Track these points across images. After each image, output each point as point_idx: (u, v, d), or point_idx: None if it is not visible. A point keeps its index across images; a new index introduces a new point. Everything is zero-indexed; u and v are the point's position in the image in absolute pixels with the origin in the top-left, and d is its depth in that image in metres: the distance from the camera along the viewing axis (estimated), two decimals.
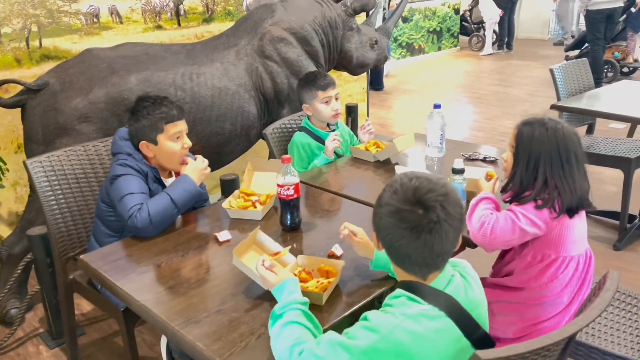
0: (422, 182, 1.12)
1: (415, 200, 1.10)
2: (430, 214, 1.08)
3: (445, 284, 1.13)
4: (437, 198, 1.09)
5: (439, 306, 1.09)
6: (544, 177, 1.51)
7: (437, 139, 2.32)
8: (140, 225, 1.73)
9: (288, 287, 1.26)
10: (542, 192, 1.51)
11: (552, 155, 1.51)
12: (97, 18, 3.07)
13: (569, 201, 1.50)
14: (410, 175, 1.15)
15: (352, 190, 2.08)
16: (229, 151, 2.87)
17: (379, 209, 1.16)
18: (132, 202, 1.77)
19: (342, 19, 3.15)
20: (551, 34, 10.43)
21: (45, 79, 2.43)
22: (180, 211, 1.82)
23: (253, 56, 2.84)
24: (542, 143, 1.52)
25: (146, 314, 1.40)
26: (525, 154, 1.54)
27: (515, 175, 1.57)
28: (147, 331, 2.47)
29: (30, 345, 2.44)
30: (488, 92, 6.73)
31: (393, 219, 1.11)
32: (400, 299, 1.12)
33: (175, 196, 1.79)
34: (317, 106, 2.40)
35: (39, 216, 2.39)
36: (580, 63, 3.54)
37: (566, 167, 1.50)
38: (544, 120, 1.55)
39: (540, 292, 1.56)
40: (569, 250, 1.55)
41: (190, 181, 1.84)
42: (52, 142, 2.38)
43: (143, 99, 1.93)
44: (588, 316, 1.06)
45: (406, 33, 8.73)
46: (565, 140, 1.51)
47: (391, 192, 1.14)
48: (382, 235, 1.15)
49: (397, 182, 1.15)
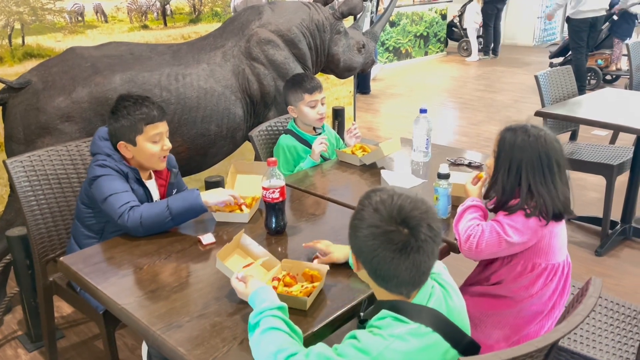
0: (404, 199, 1.09)
1: (401, 220, 1.06)
2: (417, 233, 1.06)
3: (427, 298, 1.12)
4: (422, 216, 1.07)
5: (425, 322, 1.08)
6: (527, 184, 1.51)
7: (423, 143, 2.32)
8: (130, 225, 1.71)
9: (260, 295, 1.24)
10: (529, 199, 1.51)
11: (533, 162, 1.51)
12: (82, 16, 3.03)
13: (552, 208, 1.50)
14: (388, 193, 1.11)
15: (338, 194, 2.07)
16: (214, 153, 2.85)
17: (359, 231, 1.10)
18: (120, 201, 1.74)
19: (330, 22, 3.15)
20: (536, 40, 10.56)
21: (27, 78, 2.39)
22: (175, 220, 1.75)
23: (240, 58, 2.83)
24: (524, 150, 1.51)
25: (127, 318, 1.38)
26: (507, 160, 1.54)
27: (497, 182, 1.57)
28: (128, 334, 2.43)
29: (8, 348, 2.39)
30: (473, 98, 6.79)
31: (378, 240, 1.07)
32: (386, 320, 1.09)
33: (172, 203, 1.74)
34: (302, 109, 2.40)
35: (19, 217, 2.35)
36: (565, 70, 3.58)
37: (547, 174, 1.51)
38: (527, 127, 1.55)
39: (530, 301, 1.56)
40: (556, 257, 1.56)
41: (196, 194, 1.77)
42: (33, 142, 2.34)
43: (124, 98, 1.89)
44: (571, 322, 1.06)
45: (393, 37, 8.78)
46: (547, 147, 1.51)
47: (371, 211, 1.09)
48: (366, 259, 1.10)
49: (375, 201, 1.10)
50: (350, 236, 1.15)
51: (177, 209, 1.74)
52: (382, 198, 1.10)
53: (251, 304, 1.26)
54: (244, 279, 1.32)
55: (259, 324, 1.17)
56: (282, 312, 1.21)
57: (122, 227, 1.75)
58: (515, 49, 10.22)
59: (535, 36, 10.55)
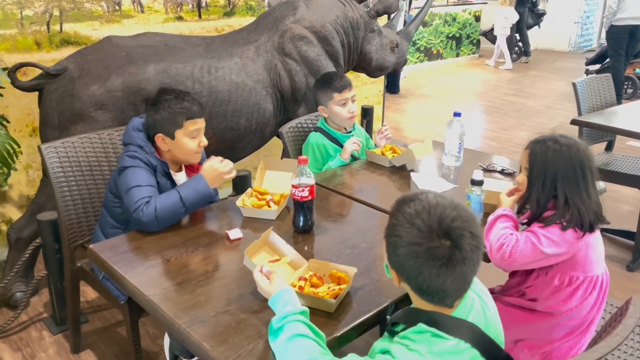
0: (441, 209, 1.03)
1: (443, 233, 1.01)
2: (461, 244, 1.00)
3: (468, 311, 1.08)
4: (464, 225, 1.02)
5: (465, 338, 1.04)
6: (564, 196, 1.47)
7: (455, 147, 2.28)
8: (145, 220, 1.70)
9: (283, 298, 1.21)
10: (565, 211, 1.46)
11: (568, 172, 1.47)
12: (119, 6, 3.06)
13: (588, 217, 1.46)
14: (422, 202, 1.05)
15: (366, 195, 2.05)
16: (242, 147, 2.85)
17: (398, 249, 1.04)
18: (139, 195, 1.75)
19: (364, 20, 3.11)
20: (572, 46, 10.32)
21: (64, 64, 2.42)
22: (189, 211, 1.78)
23: (272, 53, 2.82)
24: (557, 161, 1.47)
25: (153, 309, 1.38)
26: (541, 174, 1.50)
27: (531, 197, 1.52)
28: (149, 323, 2.45)
29: (33, 330, 2.43)
30: (504, 102, 6.67)
31: (421, 259, 1.01)
32: (424, 336, 1.05)
33: (185, 195, 1.75)
34: (332, 108, 2.37)
35: (50, 201, 2.38)
36: (604, 78, 3.48)
37: (581, 183, 1.47)
38: (556, 137, 1.51)
39: (568, 315, 1.52)
40: (594, 269, 1.51)
41: (204, 182, 1.79)
42: (67, 128, 2.37)
43: (165, 91, 1.90)
44: (610, 343, 1.02)
45: (425, 38, 8.68)
46: (580, 155, 1.47)
47: (408, 227, 1.03)
48: (409, 276, 1.05)
49: (409, 214, 1.04)
50: (388, 253, 1.09)
51: (190, 198, 1.76)
52: (417, 210, 1.04)
53: (272, 304, 1.23)
54: (268, 274, 1.29)
55: (282, 329, 1.15)
56: (306, 316, 1.19)
57: (137, 223, 1.74)
58: (550, 54, 10.01)
59: (571, 42, 10.31)
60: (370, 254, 1.61)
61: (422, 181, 2.13)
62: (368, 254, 1.61)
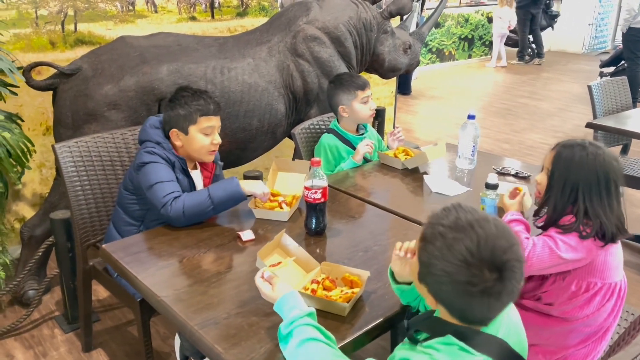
0: (494, 239, 0.96)
1: (496, 268, 0.95)
2: (516, 277, 0.96)
3: (498, 326, 1.05)
4: (516, 256, 0.96)
5: (492, 355, 1.01)
6: (584, 205, 1.43)
7: (469, 150, 2.26)
8: (173, 215, 1.73)
9: (289, 302, 1.19)
10: (586, 220, 1.44)
11: (591, 182, 1.43)
12: (133, 6, 3.07)
13: (610, 230, 1.43)
14: (469, 230, 0.96)
15: (378, 197, 2.03)
16: (254, 147, 2.85)
17: (444, 284, 0.98)
18: (165, 190, 1.77)
19: (377, 22, 3.10)
20: (586, 48, 10.22)
21: (78, 64, 2.44)
22: (217, 209, 1.79)
23: (285, 54, 2.81)
24: (581, 168, 1.43)
25: (165, 311, 1.38)
26: (562, 179, 1.46)
27: (549, 200, 1.49)
28: (160, 323, 2.46)
29: (45, 328, 2.45)
30: (517, 104, 6.61)
31: (476, 297, 0.96)
32: (451, 348, 1.01)
33: (214, 193, 1.77)
34: (355, 106, 2.37)
35: (63, 200, 2.40)
36: (620, 81, 3.43)
37: (604, 195, 1.43)
38: (585, 144, 1.46)
39: (585, 322, 1.49)
40: (613, 276, 1.49)
41: (235, 183, 1.80)
42: (80, 127, 2.39)
43: (183, 89, 1.93)
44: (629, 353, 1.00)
45: (437, 39, 8.63)
46: (606, 167, 1.43)
47: (459, 265, 0.95)
48: (456, 309, 1.00)
49: (459, 251, 0.95)
50: (429, 282, 1.02)
51: (219, 198, 1.77)
52: (467, 246, 0.96)
53: (278, 310, 1.21)
54: (269, 279, 1.26)
55: (292, 334, 1.13)
56: (313, 318, 1.17)
57: (164, 217, 1.76)
58: (563, 55, 9.91)
59: (585, 44, 10.20)
60: (383, 258, 1.59)
61: (435, 184, 2.11)
62: (380, 258, 1.60)
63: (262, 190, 1.82)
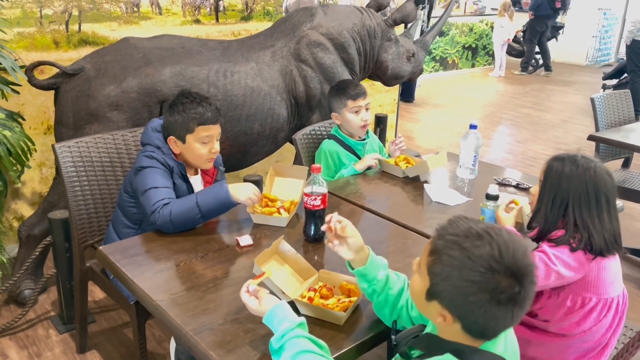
0: (514, 244, 0.94)
1: (520, 272, 0.93)
2: (534, 281, 0.95)
3: (498, 343, 1.03)
4: (533, 262, 0.95)
5: None
6: (573, 217, 1.45)
7: (470, 160, 2.25)
8: (160, 223, 1.71)
9: (277, 315, 1.16)
10: (575, 233, 1.44)
11: (580, 194, 1.44)
12: (138, 7, 3.07)
13: (598, 243, 1.42)
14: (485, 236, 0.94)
15: (378, 205, 2.02)
16: (255, 152, 2.84)
17: (470, 295, 0.93)
18: (157, 196, 1.74)
19: (381, 29, 3.10)
20: (589, 60, 10.22)
21: (81, 64, 2.43)
22: (205, 217, 1.74)
23: (288, 59, 2.81)
24: (571, 181, 1.45)
25: (160, 315, 1.37)
26: (552, 191, 1.48)
27: (539, 212, 1.51)
28: (156, 325, 2.44)
29: (40, 328, 2.43)
30: (520, 114, 6.61)
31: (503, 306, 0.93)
32: None
33: (202, 200, 1.72)
34: (346, 115, 2.36)
35: (62, 200, 2.39)
36: (623, 94, 3.43)
37: (594, 207, 1.44)
38: (576, 158, 1.48)
39: (582, 337, 1.48)
40: (609, 291, 1.48)
41: (225, 190, 1.73)
42: (81, 127, 2.38)
43: (184, 94, 1.89)
44: None
45: (441, 47, 8.64)
46: (596, 180, 1.44)
47: (484, 271, 0.92)
48: (476, 320, 0.95)
49: (482, 256, 0.92)
50: (436, 288, 0.98)
51: (207, 206, 1.72)
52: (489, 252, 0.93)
53: (267, 323, 1.19)
54: (255, 292, 1.23)
55: (284, 348, 1.11)
56: (304, 329, 1.15)
57: (153, 224, 1.74)
58: (567, 67, 9.92)
59: (589, 56, 10.21)
60: None
61: (435, 193, 2.10)
62: None
63: (247, 196, 1.75)
